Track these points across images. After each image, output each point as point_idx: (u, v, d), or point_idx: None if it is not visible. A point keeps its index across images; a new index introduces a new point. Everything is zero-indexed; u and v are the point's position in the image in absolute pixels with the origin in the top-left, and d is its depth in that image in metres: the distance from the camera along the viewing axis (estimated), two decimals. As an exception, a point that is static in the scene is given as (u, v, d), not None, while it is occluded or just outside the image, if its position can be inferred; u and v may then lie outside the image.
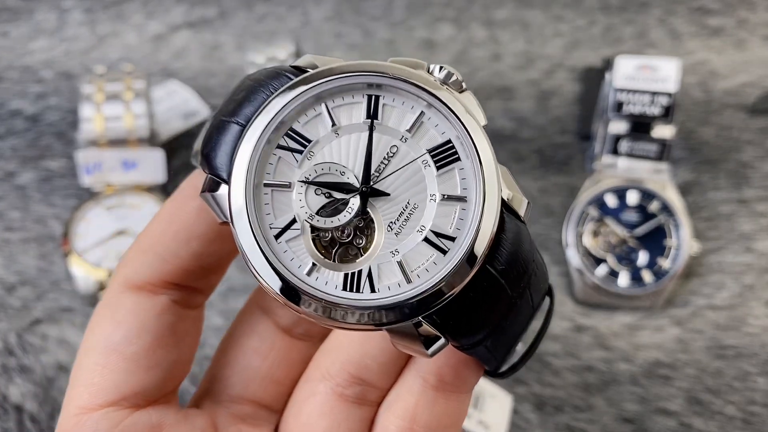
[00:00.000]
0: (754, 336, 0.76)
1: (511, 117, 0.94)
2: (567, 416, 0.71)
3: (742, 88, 0.96)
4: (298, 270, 0.34)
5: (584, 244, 0.81)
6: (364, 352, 0.39)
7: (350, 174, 0.35)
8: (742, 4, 1.06)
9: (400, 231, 0.35)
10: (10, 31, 1.04)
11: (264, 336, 0.44)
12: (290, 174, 0.35)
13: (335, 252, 0.35)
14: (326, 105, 0.36)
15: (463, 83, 0.37)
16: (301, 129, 0.36)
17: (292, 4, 1.08)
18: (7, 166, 0.89)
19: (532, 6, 1.07)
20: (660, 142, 0.82)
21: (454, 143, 0.36)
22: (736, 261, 0.81)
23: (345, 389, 0.40)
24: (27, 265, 0.81)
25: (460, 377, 0.38)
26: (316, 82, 0.35)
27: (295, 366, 0.44)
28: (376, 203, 0.35)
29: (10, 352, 0.74)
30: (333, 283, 0.34)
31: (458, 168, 0.36)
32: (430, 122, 0.36)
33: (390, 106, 0.36)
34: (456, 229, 0.35)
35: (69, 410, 0.38)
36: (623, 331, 0.77)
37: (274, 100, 0.35)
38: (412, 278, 0.34)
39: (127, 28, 1.05)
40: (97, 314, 0.40)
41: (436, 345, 0.35)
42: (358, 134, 0.36)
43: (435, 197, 0.35)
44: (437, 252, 0.35)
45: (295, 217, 0.35)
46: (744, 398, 0.72)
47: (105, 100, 0.84)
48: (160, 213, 0.40)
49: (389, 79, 0.36)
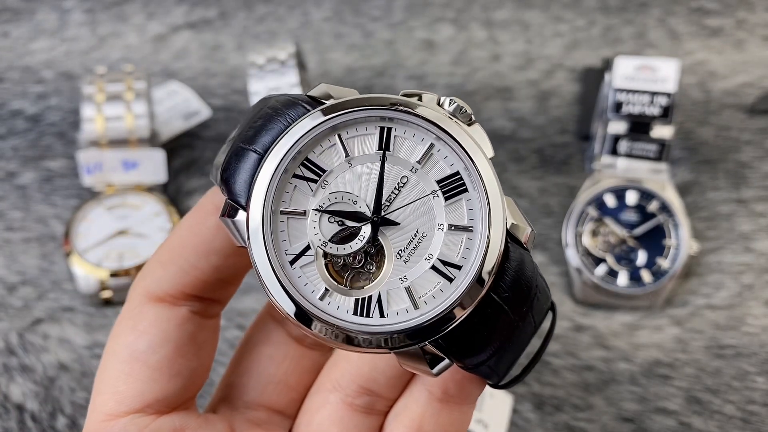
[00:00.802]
0: (753, 335, 0.76)
1: (510, 117, 0.94)
2: (566, 416, 0.72)
3: (741, 89, 0.96)
4: (311, 295, 0.36)
5: (583, 243, 0.81)
6: (373, 367, 0.41)
7: (362, 203, 0.37)
8: (741, 5, 1.06)
9: (409, 258, 0.37)
10: (10, 32, 1.04)
11: (278, 345, 0.46)
12: (305, 202, 0.37)
13: (347, 277, 0.37)
14: (340, 136, 0.37)
15: (472, 116, 0.38)
16: (316, 159, 0.37)
17: (292, 4, 1.08)
18: (8, 166, 0.89)
19: (532, 6, 1.08)
20: (659, 142, 0.83)
21: (462, 175, 0.37)
22: (735, 261, 0.82)
23: (354, 399, 0.42)
24: (28, 265, 0.81)
25: (463, 391, 0.40)
26: (332, 114, 0.37)
27: (307, 373, 0.46)
28: (386, 231, 0.37)
29: (12, 352, 0.75)
30: (344, 308, 0.36)
31: (465, 199, 0.37)
32: (439, 154, 0.38)
33: (401, 138, 0.38)
34: (462, 258, 0.36)
35: (95, 417, 0.40)
36: (622, 330, 0.77)
37: (290, 131, 0.37)
38: (420, 304, 0.36)
39: (127, 29, 1.05)
40: (119, 324, 0.41)
41: (441, 365, 0.37)
42: (370, 164, 0.37)
43: (443, 227, 0.37)
44: (444, 279, 0.36)
45: (310, 244, 0.37)
46: (743, 397, 0.72)
47: (106, 101, 0.84)
48: (181, 227, 0.42)
49: (401, 114, 0.37)
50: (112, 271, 0.78)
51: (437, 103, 0.38)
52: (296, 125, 0.37)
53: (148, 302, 0.41)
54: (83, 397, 0.72)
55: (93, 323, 0.77)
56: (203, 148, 0.91)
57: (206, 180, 0.88)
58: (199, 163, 0.90)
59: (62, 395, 0.72)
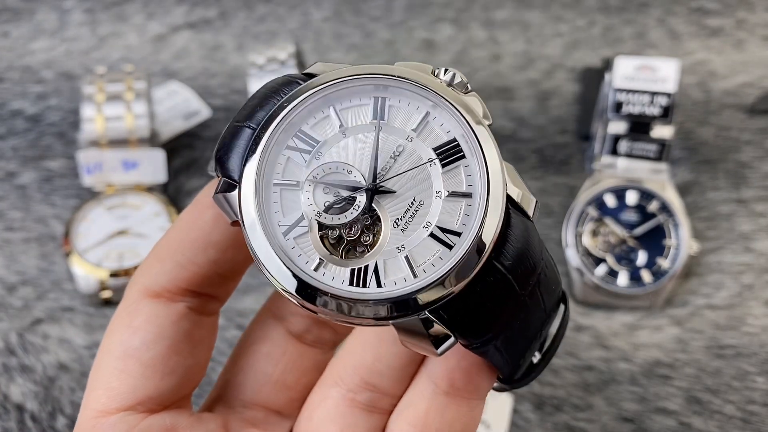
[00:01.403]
0: (753, 335, 0.76)
1: (510, 117, 0.94)
2: (566, 416, 0.72)
3: (741, 89, 0.96)
4: (305, 266, 0.35)
5: (584, 243, 0.81)
6: (377, 357, 0.40)
7: (357, 173, 0.36)
8: (741, 5, 1.06)
9: (406, 227, 0.36)
10: (10, 32, 1.04)
11: (276, 342, 0.44)
12: (299, 173, 0.36)
13: (342, 249, 0.36)
14: (334, 107, 0.37)
15: (468, 85, 0.38)
16: (310, 130, 0.37)
17: (292, 4, 1.08)
18: (8, 166, 0.89)
19: (532, 6, 1.08)
20: (659, 142, 0.83)
21: (459, 142, 0.36)
22: (735, 261, 0.82)
23: (356, 395, 0.40)
24: (28, 265, 0.81)
25: (471, 382, 0.39)
26: (324, 85, 0.37)
27: (306, 372, 0.44)
28: (382, 200, 0.36)
29: (11, 352, 0.75)
30: (339, 279, 0.35)
31: (463, 165, 0.36)
32: (435, 122, 0.37)
33: (396, 108, 0.37)
34: (461, 225, 0.35)
35: (87, 413, 0.40)
36: (622, 330, 0.77)
37: (284, 104, 0.36)
38: (418, 273, 0.35)
39: (127, 29, 1.05)
40: (115, 320, 0.41)
41: (445, 344, 0.36)
42: (365, 134, 0.37)
43: (441, 194, 0.36)
44: (443, 247, 0.35)
45: (303, 215, 0.36)
46: (743, 397, 0.72)
47: (106, 101, 0.84)
48: (178, 222, 0.41)
49: (395, 81, 0.37)
50: (112, 271, 0.78)
51: (432, 73, 0.38)
52: (288, 98, 0.36)
53: (145, 298, 0.40)
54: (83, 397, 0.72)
55: (93, 323, 0.77)
56: (203, 148, 0.91)
57: (206, 180, 0.88)
58: (199, 163, 0.90)
59: (62, 395, 0.72)
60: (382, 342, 0.40)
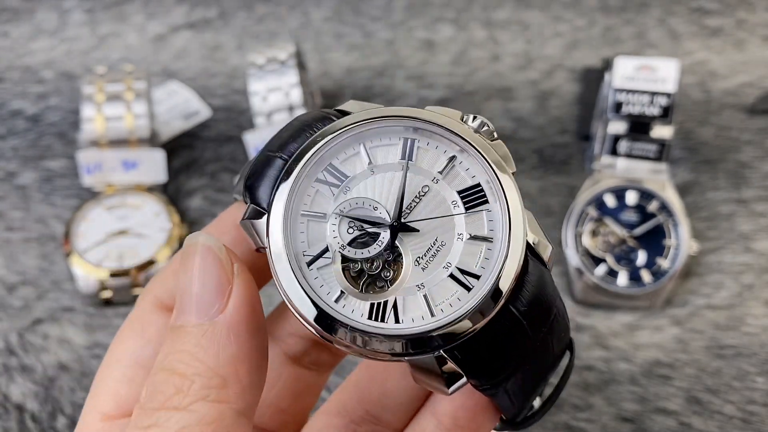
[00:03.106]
0: (753, 336, 0.76)
1: (510, 117, 0.94)
2: (566, 415, 0.72)
3: (741, 89, 0.96)
4: (327, 296, 0.36)
5: (583, 243, 0.81)
6: (384, 392, 0.40)
7: (382, 209, 0.37)
8: (741, 5, 1.06)
9: (427, 266, 0.36)
10: (10, 32, 1.04)
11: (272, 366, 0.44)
12: (326, 206, 0.37)
13: (363, 283, 0.37)
14: (364, 145, 0.38)
15: (494, 133, 0.39)
16: (340, 165, 0.38)
17: (292, 4, 1.08)
18: (8, 166, 0.89)
19: (532, 6, 1.08)
20: (659, 142, 0.83)
21: (483, 187, 0.38)
22: (735, 261, 0.82)
23: (359, 426, 0.40)
24: (28, 265, 0.81)
25: (475, 421, 0.39)
26: (357, 123, 0.38)
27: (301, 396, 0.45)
28: (405, 238, 0.37)
29: (12, 352, 0.75)
30: (359, 312, 0.36)
31: (486, 210, 0.37)
32: (461, 166, 0.38)
33: (424, 150, 0.38)
34: (481, 268, 0.36)
35: (93, 416, 0.40)
36: (622, 330, 0.77)
37: (317, 138, 0.38)
38: (436, 312, 0.36)
39: (127, 29, 1.05)
40: (126, 328, 0.41)
41: (457, 384, 0.37)
42: (392, 173, 0.38)
43: (462, 236, 0.37)
44: (461, 288, 0.36)
45: (328, 247, 0.37)
46: (743, 398, 0.72)
47: (106, 101, 0.84)
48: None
49: (425, 124, 0.38)
50: (112, 271, 0.78)
51: (461, 119, 0.39)
52: (321, 133, 0.38)
53: (157, 310, 0.41)
54: (83, 397, 0.72)
55: (93, 323, 0.77)
56: (203, 148, 0.91)
57: (206, 180, 0.88)
58: (199, 163, 0.90)
59: (62, 395, 0.72)
60: (390, 377, 0.40)
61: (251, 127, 0.88)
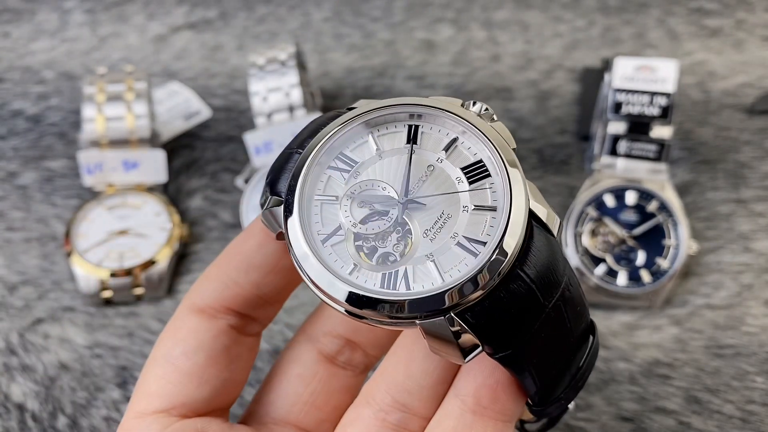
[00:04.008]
0: (753, 335, 0.76)
1: (510, 117, 0.95)
2: (566, 415, 0.72)
3: (741, 89, 0.96)
4: (341, 270, 0.38)
5: (583, 243, 0.81)
6: (408, 375, 0.42)
7: (390, 189, 0.40)
8: (741, 5, 1.06)
9: (435, 237, 0.39)
10: (11, 32, 1.04)
11: (308, 364, 0.48)
12: (338, 189, 0.40)
13: (376, 258, 0.39)
14: (372, 134, 0.42)
15: (494, 116, 0.42)
16: (350, 153, 0.41)
17: (292, 5, 1.08)
18: (9, 166, 0.90)
19: (532, 7, 1.08)
20: (658, 142, 0.83)
21: (485, 162, 0.40)
22: (734, 261, 0.82)
23: (387, 415, 0.42)
24: (29, 265, 0.81)
25: (498, 401, 0.40)
26: (364, 113, 0.41)
27: (336, 394, 0.47)
28: (413, 213, 0.39)
29: (12, 352, 0.75)
30: (372, 282, 0.38)
31: (489, 183, 0.40)
32: (463, 145, 0.41)
33: (428, 133, 0.41)
34: (486, 235, 0.38)
35: (129, 414, 0.43)
36: (622, 330, 0.77)
37: (327, 131, 0.41)
38: (445, 278, 0.38)
39: (128, 29, 1.05)
40: (164, 333, 0.45)
41: (472, 354, 0.38)
42: (399, 156, 0.41)
43: (467, 208, 0.39)
44: (469, 254, 0.38)
45: (341, 226, 0.40)
46: (742, 397, 0.72)
47: (106, 101, 0.84)
48: (228, 246, 0.46)
49: (428, 109, 0.41)
50: (112, 271, 0.78)
51: (462, 105, 0.42)
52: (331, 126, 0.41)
53: (191, 313, 0.44)
54: (84, 397, 0.72)
55: (93, 323, 0.77)
56: (203, 149, 0.91)
57: (206, 180, 0.89)
58: (200, 163, 0.90)
59: (63, 395, 0.72)
60: (413, 360, 0.41)
61: (252, 127, 0.88)
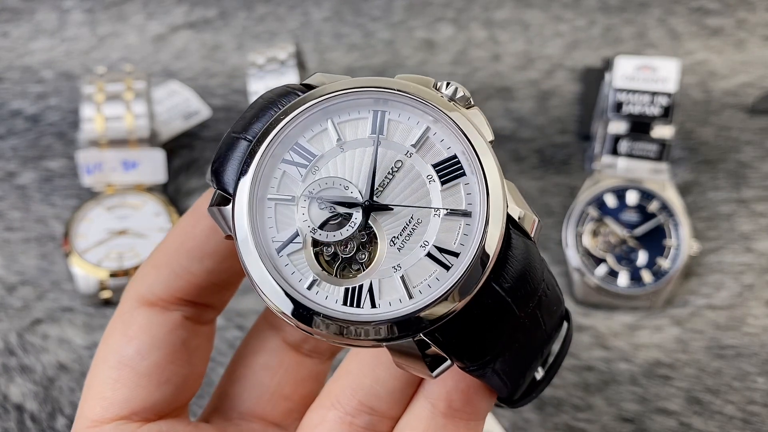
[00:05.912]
0: (754, 336, 0.76)
1: (510, 117, 0.94)
2: (566, 416, 0.71)
3: (742, 89, 0.96)
4: (298, 284, 0.34)
5: (584, 244, 0.81)
6: (375, 379, 0.39)
7: (354, 188, 0.35)
8: (742, 5, 1.06)
9: (403, 246, 0.35)
10: (10, 31, 1.04)
11: (273, 353, 0.44)
12: (294, 188, 0.35)
13: (337, 267, 0.35)
14: (332, 120, 0.36)
15: (470, 99, 0.37)
16: (307, 144, 0.36)
17: (292, 4, 1.08)
18: (8, 166, 0.89)
19: (532, 6, 1.08)
20: (659, 142, 0.82)
21: (460, 158, 0.36)
22: (735, 261, 0.81)
23: (354, 418, 0.39)
24: (28, 265, 0.81)
25: (470, 404, 0.37)
26: (323, 97, 0.36)
27: (303, 382, 0.44)
28: (378, 218, 0.35)
29: (11, 352, 0.74)
30: (333, 298, 0.34)
31: (463, 183, 0.35)
32: (435, 137, 0.36)
33: (396, 122, 0.36)
34: (460, 245, 0.34)
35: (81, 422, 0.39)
36: (623, 330, 0.77)
37: (281, 116, 0.36)
38: (414, 294, 0.34)
39: (127, 29, 1.05)
40: (110, 328, 0.40)
41: (441, 367, 0.35)
42: (363, 149, 0.36)
43: (439, 212, 0.35)
44: (440, 267, 0.34)
45: (298, 231, 0.35)
46: (743, 398, 0.72)
47: (105, 101, 0.84)
48: (174, 230, 0.40)
49: (396, 95, 0.36)
50: (111, 272, 0.78)
51: (434, 86, 0.37)
52: (285, 110, 0.36)
53: (140, 306, 0.40)
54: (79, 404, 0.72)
55: (92, 323, 0.77)
56: (203, 148, 0.91)
57: (206, 181, 0.88)
58: (199, 163, 0.90)
59: (62, 395, 0.72)
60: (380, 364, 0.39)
61: (251, 127, 0.87)
